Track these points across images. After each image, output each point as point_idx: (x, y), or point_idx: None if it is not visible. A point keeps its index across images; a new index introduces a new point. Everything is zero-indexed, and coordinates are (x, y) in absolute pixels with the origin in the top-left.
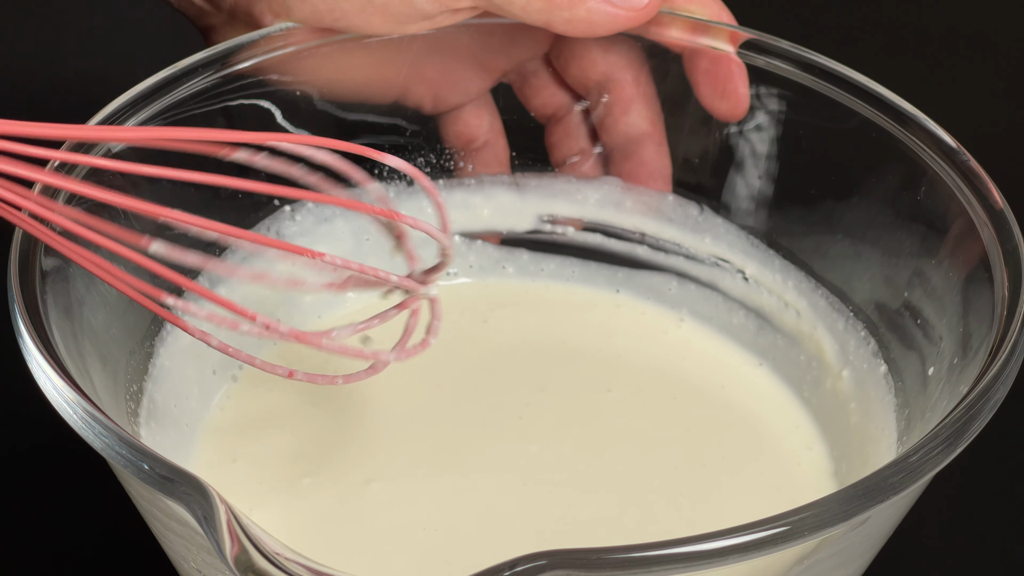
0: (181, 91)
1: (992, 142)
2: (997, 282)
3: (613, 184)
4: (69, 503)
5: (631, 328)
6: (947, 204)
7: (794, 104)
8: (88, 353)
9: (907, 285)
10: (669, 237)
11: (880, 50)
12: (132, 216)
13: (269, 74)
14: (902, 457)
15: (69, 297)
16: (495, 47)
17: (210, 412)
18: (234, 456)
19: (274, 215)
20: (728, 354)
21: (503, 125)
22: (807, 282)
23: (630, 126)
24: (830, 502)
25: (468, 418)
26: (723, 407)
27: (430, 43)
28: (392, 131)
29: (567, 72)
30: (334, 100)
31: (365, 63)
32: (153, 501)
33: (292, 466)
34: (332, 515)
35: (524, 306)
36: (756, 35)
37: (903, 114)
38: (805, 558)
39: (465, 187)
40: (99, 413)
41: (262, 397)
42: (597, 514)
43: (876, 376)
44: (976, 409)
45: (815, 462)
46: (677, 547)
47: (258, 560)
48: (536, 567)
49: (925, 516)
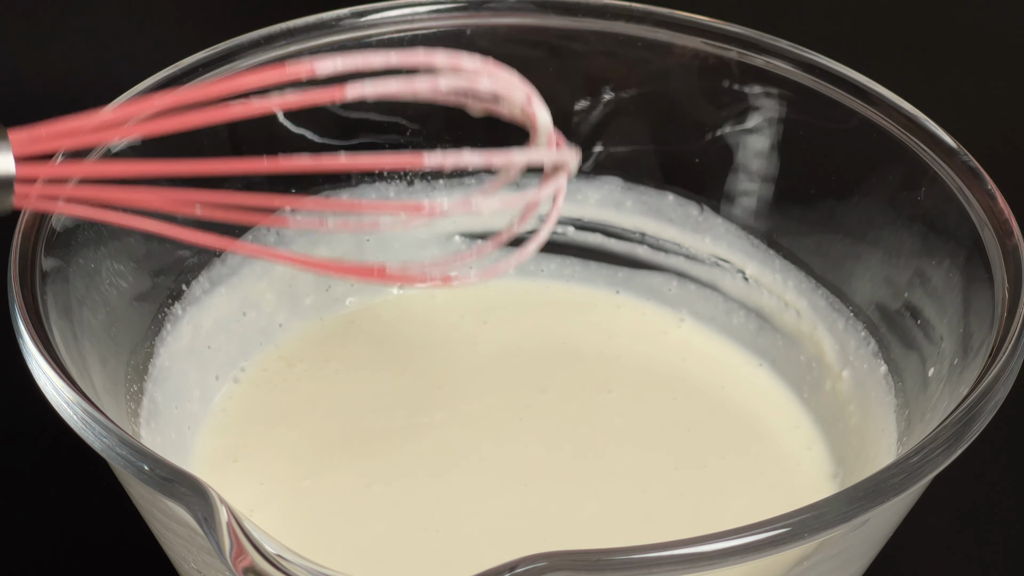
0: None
1: (992, 142)
2: (997, 282)
3: (613, 184)
4: (69, 503)
5: (631, 328)
6: (947, 204)
7: (794, 104)
8: (88, 353)
9: (907, 285)
10: (669, 237)
11: (880, 50)
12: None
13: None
14: (903, 458)
15: (69, 297)
16: None
17: (211, 413)
18: (235, 457)
19: (274, 215)
20: (728, 354)
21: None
22: (807, 282)
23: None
24: (831, 503)
25: (469, 419)
26: (723, 407)
27: None
28: (392, 130)
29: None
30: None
31: None
32: (153, 502)
33: (293, 467)
34: (333, 516)
35: (524, 306)
36: (756, 35)
37: (903, 114)
38: (805, 559)
39: (465, 187)
40: (99, 414)
41: (263, 398)
42: (597, 515)
43: (876, 376)
44: (977, 410)
45: (815, 462)
46: (678, 548)
47: (258, 561)
48: (536, 568)
49: (925, 517)
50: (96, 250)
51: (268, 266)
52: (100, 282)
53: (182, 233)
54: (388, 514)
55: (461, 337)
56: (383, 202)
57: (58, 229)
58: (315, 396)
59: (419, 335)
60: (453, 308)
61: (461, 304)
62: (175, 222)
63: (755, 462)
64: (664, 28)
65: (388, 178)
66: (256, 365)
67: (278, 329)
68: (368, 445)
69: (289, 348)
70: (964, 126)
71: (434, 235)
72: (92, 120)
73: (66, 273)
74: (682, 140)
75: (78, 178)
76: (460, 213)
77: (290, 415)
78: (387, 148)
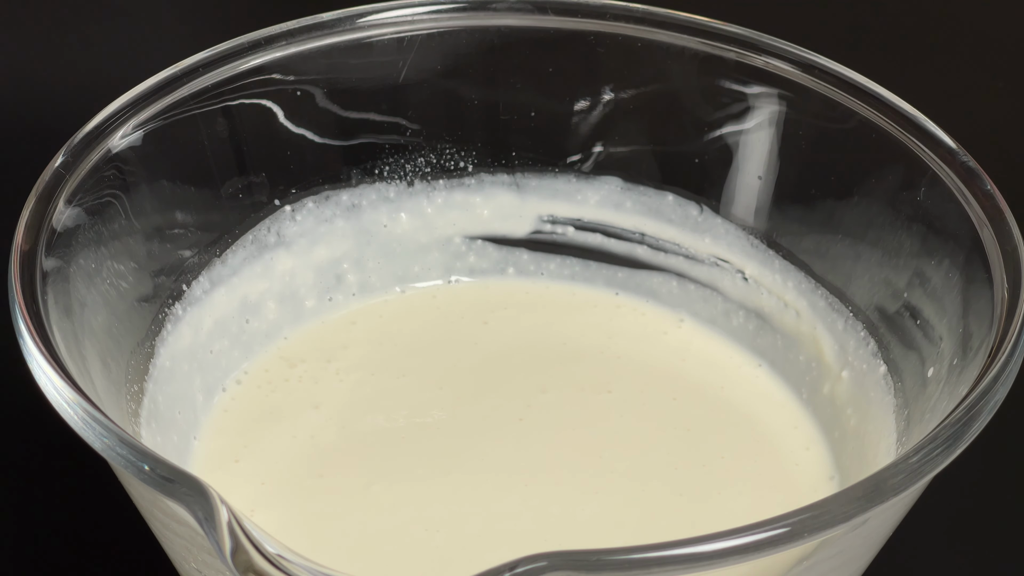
0: (181, 91)
1: (992, 142)
2: (997, 283)
3: (613, 184)
4: (69, 503)
5: (631, 329)
6: (947, 204)
7: (794, 104)
8: (89, 353)
9: (907, 285)
10: (669, 237)
11: (880, 50)
12: (132, 215)
13: (270, 73)
14: (902, 458)
15: (70, 297)
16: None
17: (212, 413)
18: (236, 457)
19: (275, 215)
20: (728, 354)
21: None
22: (807, 282)
23: None
24: (830, 503)
25: (469, 419)
26: (723, 407)
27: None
28: (392, 130)
29: None
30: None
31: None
32: (154, 501)
33: (294, 467)
34: (334, 516)
35: (524, 307)
36: (756, 35)
37: (903, 114)
38: (805, 559)
39: (465, 187)
40: (99, 414)
41: (265, 399)
42: (597, 514)
43: (875, 377)
44: (976, 410)
45: (814, 463)
46: (678, 548)
47: (258, 561)
48: (536, 568)
49: (925, 517)
50: (97, 250)
51: (268, 266)
52: (101, 282)
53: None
54: (388, 514)
55: (461, 337)
56: None
57: (59, 229)
58: (316, 396)
59: (420, 335)
60: (453, 309)
61: (461, 305)
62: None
63: (754, 462)
64: (664, 29)
65: (388, 178)
66: (258, 366)
67: (280, 330)
68: (368, 445)
69: (290, 349)
70: (964, 126)
71: (435, 239)
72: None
73: (67, 273)
74: (682, 140)
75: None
76: None
77: (291, 416)
78: (387, 148)
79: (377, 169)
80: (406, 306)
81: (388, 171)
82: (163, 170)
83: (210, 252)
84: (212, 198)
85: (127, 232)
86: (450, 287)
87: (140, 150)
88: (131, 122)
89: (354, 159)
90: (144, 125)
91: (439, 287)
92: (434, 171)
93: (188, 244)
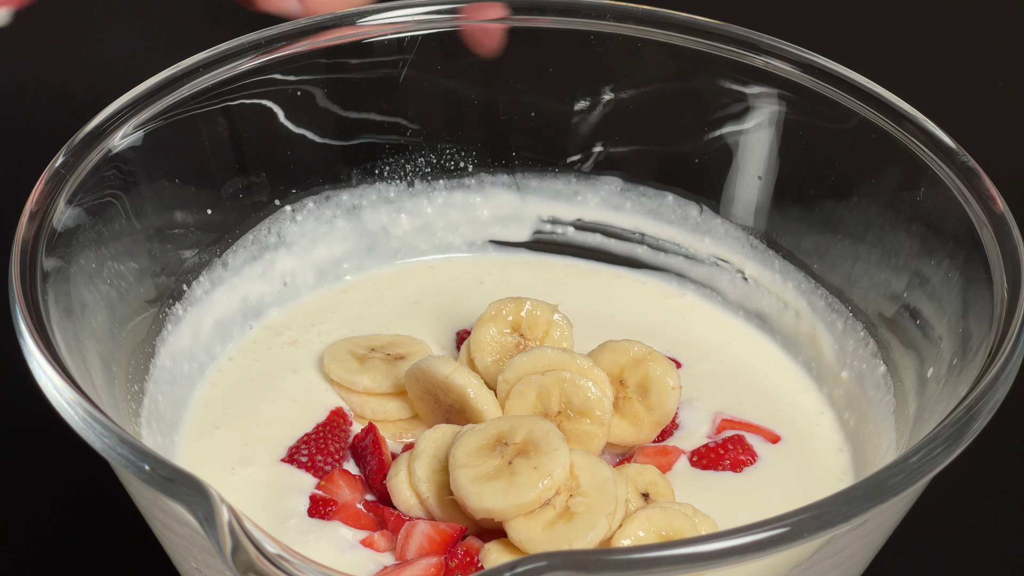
0: (181, 91)
1: (992, 142)
2: (996, 283)
3: (613, 185)
4: (69, 503)
5: None
6: (947, 204)
7: (794, 104)
8: (89, 353)
9: (907, 286)
10: (669, 237)
11: (880, 50)
12: (133, 215)
13: (270, 73)
14: (902, 458)
15: (70, 297)
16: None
17: (202, 386)
18: (217, 424)
19: (275, 215)
20: None
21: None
22: (807, 282)
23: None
24: (830, 503)
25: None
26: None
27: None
28: (393, 130)
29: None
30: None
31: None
32: (154, 501)
33: (274, 430)
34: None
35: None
36: (755, 35)
37: (903, 114)
38: (805, 559)
39: (465, 187)
40: (100, 413)
41: (249, 367)
42: None
43: (875, 377)
44: (975, 410)
45: None
46: (678, 548)
47: (258, 561)
48: (536, 568)
49: (925, 517)
50: (97, 250)
51: (268, 266)
52: (101, 282)
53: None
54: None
55: (456, 298)
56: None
57: (59, 229)
58: (295, 361)
59: (410, 299)
60: (448, 273)
61: (456, 271)
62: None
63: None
64: (664, 29)
65: (388, 178)
66: (247, 338)
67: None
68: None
69: (279, 320)
70: (964, 126)
71: (435, 244)
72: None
73: (67, 273)
74: (682, 140)
75: None
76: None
77: (271, 381)
78: (387, 148)
79: (377, 169)
80: (398, 274)
81: (388, 171)
82: (163, 170)
83: (210, 252)
84: (212, 198)
85: (127, 232)
86: (449, 260)
87: (140, 150)
88: (131, 122)
89: (354, 159)
90: (144, 125)
91: (437, 260)
92: (434, 171)
93: (188, 244)
